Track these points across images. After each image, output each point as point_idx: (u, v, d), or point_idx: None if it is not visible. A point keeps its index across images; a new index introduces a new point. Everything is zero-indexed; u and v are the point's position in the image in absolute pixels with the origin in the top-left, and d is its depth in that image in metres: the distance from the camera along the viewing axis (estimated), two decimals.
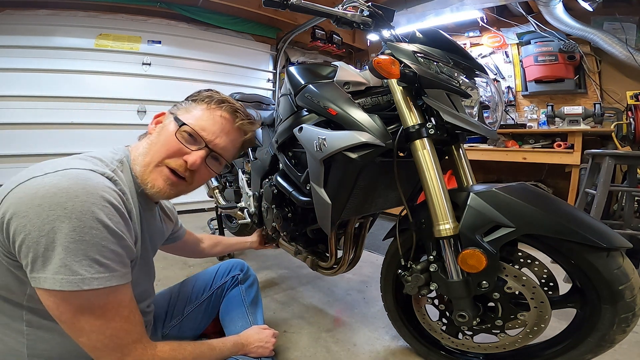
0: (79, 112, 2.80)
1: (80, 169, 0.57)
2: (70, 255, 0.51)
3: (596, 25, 2.52)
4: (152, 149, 0.70)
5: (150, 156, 0.70)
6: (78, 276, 0.51)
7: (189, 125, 0.71)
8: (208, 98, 0.75)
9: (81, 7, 2.82)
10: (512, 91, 3.10)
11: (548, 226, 0.74)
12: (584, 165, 2.24)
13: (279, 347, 1.15)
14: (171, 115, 0.74)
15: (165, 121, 0.74)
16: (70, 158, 0.62)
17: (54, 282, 0.51)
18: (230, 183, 2.10)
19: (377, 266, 1.21)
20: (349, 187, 0.95)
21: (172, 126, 0.71)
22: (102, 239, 0.53)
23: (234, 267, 1.09)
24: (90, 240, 0.52)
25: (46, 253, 0.50)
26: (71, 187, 0.52)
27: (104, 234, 0.54)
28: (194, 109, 0.74)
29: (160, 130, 0.73)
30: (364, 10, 0.98)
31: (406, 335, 1.11)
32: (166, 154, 0.70)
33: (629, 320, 0.72)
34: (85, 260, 0.52)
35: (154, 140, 0.72)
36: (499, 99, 1.01)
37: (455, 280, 0.82)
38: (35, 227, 0.50)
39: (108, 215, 0.55)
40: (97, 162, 0.63)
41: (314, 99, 1.00)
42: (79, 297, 0.53)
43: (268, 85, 3.91)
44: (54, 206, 0.50)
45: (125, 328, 0.58)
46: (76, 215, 0.51)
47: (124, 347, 0.58)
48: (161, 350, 0.63)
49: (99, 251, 0.53)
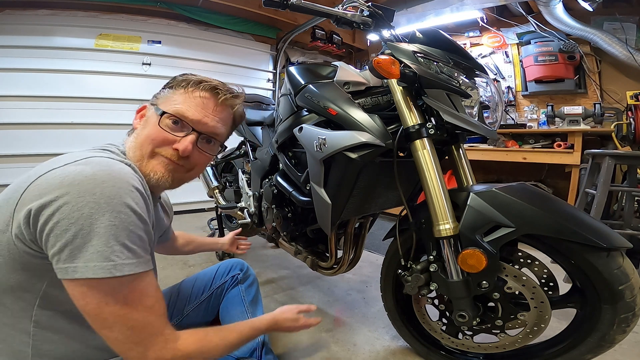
0: (79, 112, 2.80)
1: (101, 157, 0.57)
2: (102, 240, 0.51)
3: (596, 25, 2.52)
4: (138, 142, 0.69)
5: (140, 150, 0.68)
6: (110, 262, 0.51)
7: (169, 112, 0.68)
8: (184, 82, 0.72)
9: (81, 7, 2.82)
10: (512, 91, 3.10)
11: (548, 226, 0.74)
12: (584, 165, 2.24)
13: (279, 347, 1.15)
14: (152, 107, 0.72)
15: (147, 113, 0.73)
16: (80, 151, 0.60)
17: (86, 270, 0.50)
18: (230, 183, 2.10)
19: (377, 266, 1.21)
20: (349, 187, 0.95)
21: (154, 117, 0.69)
22: (129, 224, 0.53)
23: (234, 266, 1.09)
24: (120, 225, 0.52)
25: (76, 241, 0.50)
26: (97, 173, 0.52)
27: (131, 218, 0.54)
28: (172, 95, 0.72)
29: (144, 123, 0.72)
30: (364, 10, 0.98)
31: (406, 335, 1.11)
32: (153, 144, 0.68)
33: (629, 320, 0.72)
34: (117, 246, 0.52)
35: (139, 133, 0.70)
36: (499, 99, 1.01)
37: (455, 280, 0.82)
38: (64, 215, 0.49)
39: (134, 200, 0.55)
40: (108, 152, 0.64)
41: (314, 99, 1.00)
42: (107, 284, 0.52)
43: (268, 85, 3.91)
44: (82, 193, 0.50)
45: (148, 320, 0.56)
46: (105, 200, 0.51)
47: (145, 341, 0.56)
48: (184, 344, 0.60)
49: (128, 236, 0.53)
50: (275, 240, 1.47)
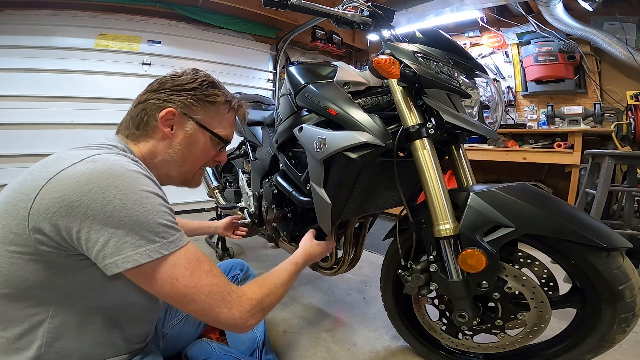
0: (79, 112, 2.80)
1: (104, 154, 0.57)
2: (143, 226, 0.52)
3: (596, 25, 2.52)
4: (187, 159, 0.73)
5: (190, 165, 0.75)
6: (157, 244, 0.53)
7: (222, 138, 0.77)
8: (228, 100, 0.77)
9: (81, 7, 2.82)
10: (512, 91, 3.10)
11: (548, 226, 0.74)
12: (584, 165, 2.24)
13: (279, 347, 1.15)
14: (189, 120, 0.72)
15: (184, 126, 0.72)
16: (76, 149, 0.60)
17: (137, 257, 0.52)
18: (230, 183, 2.10)
19: (377, 266, 1.21)
20: (349, 187, 0.95)
21: (203, 138, 0.74)
22: (160, 205, 0.56)
23: (234, 266, 1.09)
24: (152, 209, 0.54)
25: (118, 232, 0.51)
26: (110, 168, 0.53)
27: (158, 200, 0.56)
28: (216, 114, 0.75)
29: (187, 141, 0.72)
30: (364, 10, 0.98)
31: (406, 335, 1.11)
32: (205, 162, 0.78)
33: (629, 320, 0.72)
34: (158, 227, 0.54)
35: (184, 149, 0.72)
36: (499, 99, 1.01)
37: (455, 280, 0.82)
38: (97, 212, 0.50)
39: (152, 185, 0.57)
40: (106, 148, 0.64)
41: (314, 99, 1.00)
42: (167, 263, 0.54)
43: (268, 85, 3.91)
44: (105, 187, 0.51)
45: (215, 282, 0.59)
46: (130, 190, 0.52)
47: (224, 300, 0.59)
48: (252, 294, 0.64)
49: (163, 216, 0.55)
50: (275, 240, 1.47)
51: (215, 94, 0.74)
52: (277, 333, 1.24)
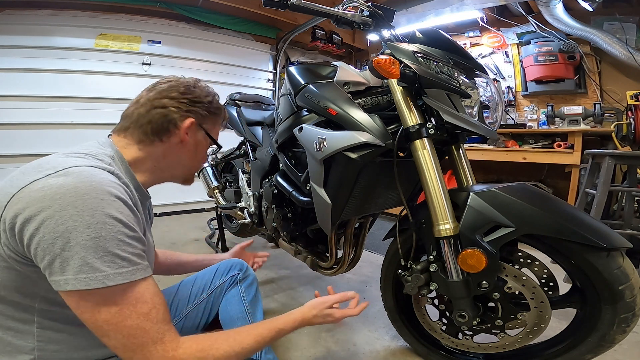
0: (79, 112, 2.80)
1: (81, 166, 0.56)
2: (90, 252, 0.51)
3: (596, 25, 2.52)
4: (194, 162, 0.82)
5: (195, 167, 0.84)
6: (101, 273, 0.51)
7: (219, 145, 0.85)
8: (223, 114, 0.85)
9: (81, 7, 2.82)
10: (512, 91, 3.10)
11: (548, 226, 0.74)
12: (584, 165, 2.24)
13: (279, 347, 1.15)
14: (201, 130, 0.79)
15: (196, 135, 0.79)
16: (62, 156, 0.60)
17: (76, 282, 0.50)
18: (230, 183, 2.10)
19: (377, 266, 1.21)
20: (349, 187, 0.95)
21: (204, 143, 0.81)
22: (117, 233, 0.53)
23: (234, 266, 1.09)
24: (107, 236, 0.52)
25: (63, 254, 0.50)
26: (78, 185, 0.52)
27: (118, 227, 0.54)
28: (216, 124, 0.84)
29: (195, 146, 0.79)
30: (364, 10, 0.98)
31: (406, 335, 1.11)
32: (201, 163, 0.86)
33: (629, 320, 0.72)
34: (107, 256, 0.52)
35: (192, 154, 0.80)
36: (499, 99, 1.01)
37: (455, 280, 0.82)
38: (49, 229, 0.50)
39: (119, 210, 0.55)
40: (91, 158, 0.62)
41: (314, 99, 1.00)
42: (99, 294, 0.52)
43: (268, 85, 3.91)
44: (65, 206, 0.50)
45: (143, 326, 0.55)
46: (88, 213, 0.51)
47: (142, 348, 0.55)
48: (185, 352, 0.58)
49: (118, 245, 0.53)
50: (275, 240, 1.47)
51: (220, 108, 0.84)
52: None
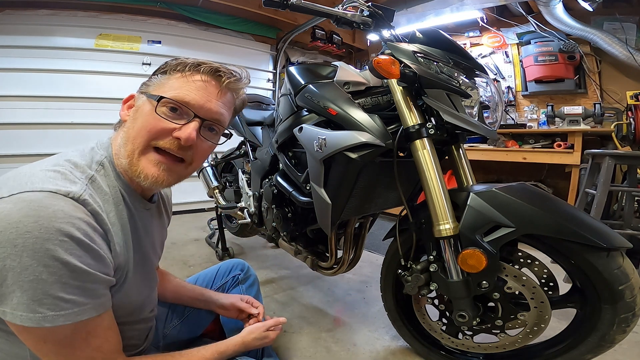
0: (79, 112, 2.80)
1: (38, 192, 0.48)
2: (28, 294, 0.46)
3: (596, 25, 2.52)
4: (131, 135, 0.61)
5: (132, 143, 0.61)
6: (39, 314, 0.47)
7: (167, 97, 0.61)
8: (180, 65, 0.64)
9: (81, 7, 2.82)
10: (512, 91, 3.10)
11: (548, 226, 0.74)
12: (584, 165, 2.24)
13: (279, 347, 1.15)
14: (142, 96, 0.64)
15: (137, 103, 0.64)
16: (40, 165, 0.54)
17: (13, 317, 0.47)
18: (230, 183, 2.10)
19: (377, 266, 1.21)
20: (349, 187, 0.95)
21: (148, 105, 0.62)
22: (61, 277, 0.48)
23: (235, 267, 1.09)
24: (48, 279, 0.47)
25: (1, 289, 0.46)
26: (22, 220, 0.46)
27: (62, 271, 0.48)
28: (167, 80, 0.64)
29: (134, 114, 0.63)
30: (364, 10, 0.98)
31: (406, 335, 1.11)
32: (149, 135, 0.60)
33: (629, 320, 0.72)
34: (47, 299, 0.47)
35: (130, 124, 0.63)
36: (499, 99, 1.01)
37: (455, 280, 0.82)
38: None
39: (68, 251, 0.48)
40: (70, 170, 0.55)
41: (314, 99, 1.00)
42: (40, 331, 0.49)
43: (268, 85, 3.91)
44: (3, 243, 0.45)
45: (93, 356, 0.55)
46: (28, 254, 0.45)
47: None
48: None
49: (61, 288, 0.48)
50: (275, 240, 1.47)
51: (169, 64, 0.65)
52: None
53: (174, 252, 2.07)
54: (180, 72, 0.64)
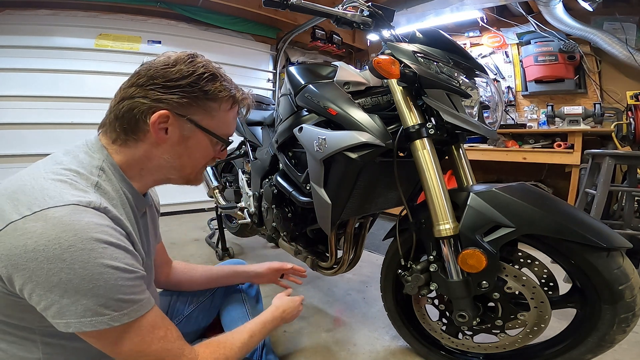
0: (79, 112, 2.80)
1: (62, 207, 0.49)
2: (92, 300, 0.49)
3: (596, 25, 2.52)
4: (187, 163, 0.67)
5: (190, 167, 0.69)
6: (106, 316, 0.51)
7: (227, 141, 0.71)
8: (229, 97, 0.67)
9: (81, 7, 2.82)
10: (512, 91, 3.10)
11: (548, 226, 0.74)
12: (584, 165, 2.24)
13: (279, 347, 1.15)
14: (186, 122, 0.63)
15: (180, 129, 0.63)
16: (41, 178, 0.53)
17: (81, 325, 0.50)
18: (230, 183, 2.10)
19: (377, 266, 1.21)
20: (349, 187, 0.95)
21: (205, 140, 0.66)
22: (117, 280, 0.51)
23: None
24: (106, 285, 0.50)
25: (62, 301, 0.48)
26: (61, 236, 0.47)
27: (116, 275, 0.51)
28: (216, 112, 0.65)
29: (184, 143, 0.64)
30: (364, 10, 0.98)
31: (406, 335, 1.11)
32: (205, 163, 0.71)
33: (629, 320, 0.72)
34: (110, 302, 0.51)
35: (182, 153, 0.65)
36: (499, 99, 1.01)
37: (455, 280, 0.82)
38: (41, 280, 0.47)
39: (112, 256, 0.51)
40: (75, 180, 0.55)
41: (314, 99, 1.00)
42: (112, 332, 0.53)
43: (268, 85, 3.91)
44: (51, 259, 0.47)
45: (165, 348, 0.59)
46: (79, 265, 0.48)
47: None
48: (203, 356, 0.64)
49: (119, 291, 0.52)
50: (275, 240, 1.47)
51: (217, 89, 0.64)
52: (277, 333, 1.24)
53: (174, 252, 2.07)
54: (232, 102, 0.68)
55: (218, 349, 0.68)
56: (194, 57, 0.64)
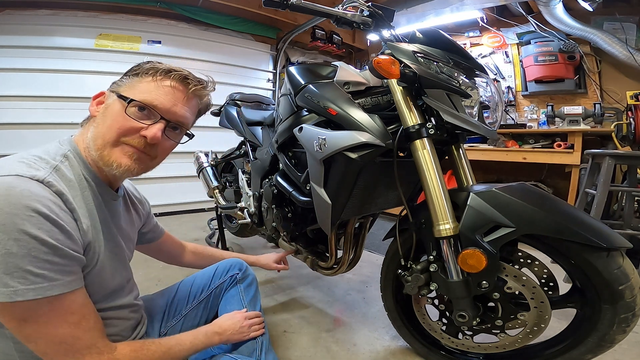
0: (79, 112, 2.75)
1: (4, 177, 0.52)
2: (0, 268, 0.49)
3: (596, 25, 2.52)
4: (101, 131, 0.67)
5: (102, 138, 0.66)
6: (10, 288, 0.49)
7: (137, 100, 0.67)
8: (152, 70, 0.70)
9: (81, 7, 2.82)
10: (512, 91, 3.10)
11: (548, 226, 0.74)
12: (584, 165, 2.24)
13: (279, 347, 1.15)
14: (113, 94, 0.69)
15: (107, 101, 0.70)
16: (5, 160, 0.59)
17: None
18: (230, 183, 2.10)
19: (377, 266, 1.21)
20: (349, 187, 0.95)
21: (118, 105, 0.67)
22: (31, 250, 0.50)
23: (233, 266, 1.09)
24: (19, 253, 0.49)
25: None
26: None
27: (32, 244, 0.51)
28: (138, 83, 0.70)
29: (104, 111, 0.69)
30: (364, 10, 0.98)
31: (406, 335, 1.11)
32: (118, 132, 0.66)
33: (629, 320, 0.72)
34: (17, 272, 0.50)
35: (100, 121, 0.68)
36: (499, 99, 1.01)
37: (455, 280, 0.82)
38: None
39: (36, 225, 0.51)
40: (34, 161, 0.59)
41: (314, 99, 1.00)
42: (17, 307, 0.51)
43: (268, 85, 3.91)
44: None
45: (74, 335, 0.57)
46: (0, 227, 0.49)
47: (75, 352, 0.57)
48: (120, 353, 0.62)
49: (31, 262, 0.51)
50: (275, 240, 1.47)
51: (142, 67, 0.71)
52: (277, 333, 1.24)
53: None
54: (151, 76, 0.70)
55: (141, 349, 0.66)
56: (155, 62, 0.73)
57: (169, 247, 1.09)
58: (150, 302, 0.97)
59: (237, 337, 0.87)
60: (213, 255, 1.18)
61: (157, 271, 1.69)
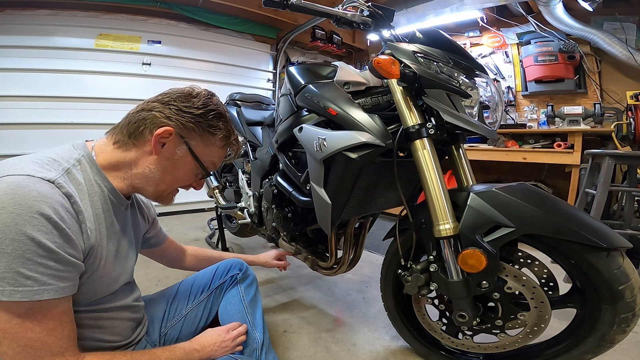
0: (79, 112, 2.80)
1: (15, 175, 0.53)
2: None
3: (596, 25, 2.52)
4: (168, 178, 0.73)
5: (166, 185, 0.74)
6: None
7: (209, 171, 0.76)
8: (226, 133, 0.76)
9: (81, 7, 2.82)
10: (512, 91, 3.10)
11: (548, 226, 0.74)
12: (584, 165, 2.24)
13: (279, 347, 1.15)
14: (183, 144, 0.71)
15: (175, 149, 0.71)
16: (20, 159, 0.59)
17: None
18: (230, 183, 2.10)
19: (377, 266, 1.21)
20: (349, 187, 0.95)
21: (192, 166, 0.74)
22: (25, 252, 0.50)
23: (233, 266, 1.09)
24: (12, 253, 0.49)
25: None
26: (0, 198, 0.50)
27: (29, 246, 0.50)
28: (211, 144, 0.75)
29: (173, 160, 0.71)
30: (364, 10, 0.98)
31: (406, 335, 1.11)
32: (180, 184, 0.77)
33: (629, 320, 0.72)
34: (8, 273, 0.49)
35: (166, 169, 0.71)
36: (499, 99, 1.01)
37: (455, 280, 0.82)
38: None
39: (37, 227, 0.51)
40: (46, 162, 0.60)
41: (314, 99, 1.00)
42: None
43: (268, 85, 3.91)
44: None
45: (44, 340, 0.55)
46: (0, 227, 0.49)
47: (37, 359, 0.54)
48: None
49: (24, 264, 0.50)
50: (275, 240, 1.47)
51: (217, 127, 0.74)
52: (277, 333, 1.24)
53: None
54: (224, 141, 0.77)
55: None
56: (212, 96, 0.76)
57: (171, 252, 1.09)
58: (150, 302, 0.97)
59: (222, 352, 0.82)
60: (212, 257, 1.18)
61: (157, 271, 1.69)
